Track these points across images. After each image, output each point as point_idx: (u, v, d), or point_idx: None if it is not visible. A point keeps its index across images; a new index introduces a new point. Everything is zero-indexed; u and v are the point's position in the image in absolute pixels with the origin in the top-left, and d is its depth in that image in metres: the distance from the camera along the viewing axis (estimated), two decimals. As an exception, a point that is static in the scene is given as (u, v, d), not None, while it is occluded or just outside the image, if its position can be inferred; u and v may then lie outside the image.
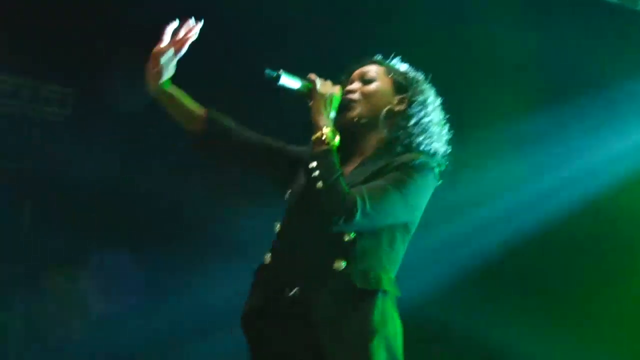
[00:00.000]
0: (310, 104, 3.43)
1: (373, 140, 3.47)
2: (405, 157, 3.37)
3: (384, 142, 3.47)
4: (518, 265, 8.34)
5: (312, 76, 3.48)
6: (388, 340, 3.24)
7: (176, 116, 3.62)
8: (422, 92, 3.60)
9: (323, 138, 3.26)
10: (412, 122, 3.49)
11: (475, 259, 8.25)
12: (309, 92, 3.45)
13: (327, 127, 3.30)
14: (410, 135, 3.48)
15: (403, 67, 3.72)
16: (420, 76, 3.70)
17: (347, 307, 3.19)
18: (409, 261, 3.57)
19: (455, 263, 8.22)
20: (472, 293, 8.21)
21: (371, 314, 3.19)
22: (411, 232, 3.45)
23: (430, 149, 3.49)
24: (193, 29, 3.58)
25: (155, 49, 3.58)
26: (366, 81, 3.57)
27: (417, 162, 3.35)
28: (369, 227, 3.22)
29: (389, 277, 3.31)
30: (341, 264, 3.20)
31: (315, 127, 3.32)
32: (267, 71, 3.47)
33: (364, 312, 3.19)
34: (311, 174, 3.19)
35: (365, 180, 3.27)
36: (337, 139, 3.29)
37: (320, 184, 3.16)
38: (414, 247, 3.56)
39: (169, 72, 3.60)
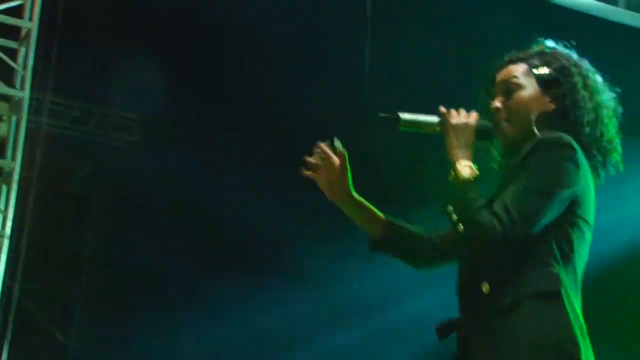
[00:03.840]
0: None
1: None
2: (535, 142, 3.00)
3: None
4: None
5: (442, 109, 3.12)
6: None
7: (359, 223, 3.35)
8: (572, 78, 3.14)
9: (457, 175, 3.02)
10: (565, 118, 3.10)
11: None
12: (440, 128, 3.11)
13: (460, 161, 3.03)
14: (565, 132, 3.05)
15: (550, 54, 3.22)
16: (568, 59, 3.19)
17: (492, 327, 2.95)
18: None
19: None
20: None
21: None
22: (579, 220, 3.03)
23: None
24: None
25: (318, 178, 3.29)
26: (509, 91, 3.16)
27: (543, 141, 2.98)
28: (524, 238, 2.93)
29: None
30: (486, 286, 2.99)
31: (450, 165, 3.05)
32: (383, 115, 3.15)
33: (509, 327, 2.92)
34: (451, 219, 2.99)
35: (504, 188, 3.03)
36: (473, 170, 3.02)
37: (460, 226, 2.96)
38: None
39: (345, 180, 3.30)
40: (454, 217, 2.96)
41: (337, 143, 3.25)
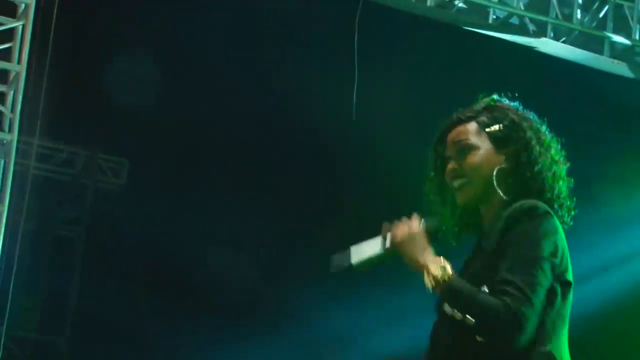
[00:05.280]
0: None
1: (494, 208, 3.05)
2: (511, 213, 2.96)
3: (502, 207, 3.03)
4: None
5: (385, 229, 3.07)
6: None
7: None
8: (524, 134, 3.09)
9: (435, 280, 2.93)
10: (523, 176, 3.06)
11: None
12: (392, 249, 3.04)
13: (428, 267, 2.95)
14: (525, 191, 3.04)
15: (497, 109, 3.17)
16: (516, 113, 3.14)
17: None
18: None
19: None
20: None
21: None
22: (565, 286, 2.98)
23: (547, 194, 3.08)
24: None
25: None
26: (464, 152, 3.10)
27: (519, 212, 2.95)
28: (535, 309, 2.85)
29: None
30: None
31: (421, 274, 2.95)
32: (336, 264, 3.08)
33: None
34: (454, 318, 2.87)
35: (488, 263, 2.96)
36: (445, 265, 2.95)
37: (470, 319, 2.84)
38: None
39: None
40: (457, 314, 2.84)
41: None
